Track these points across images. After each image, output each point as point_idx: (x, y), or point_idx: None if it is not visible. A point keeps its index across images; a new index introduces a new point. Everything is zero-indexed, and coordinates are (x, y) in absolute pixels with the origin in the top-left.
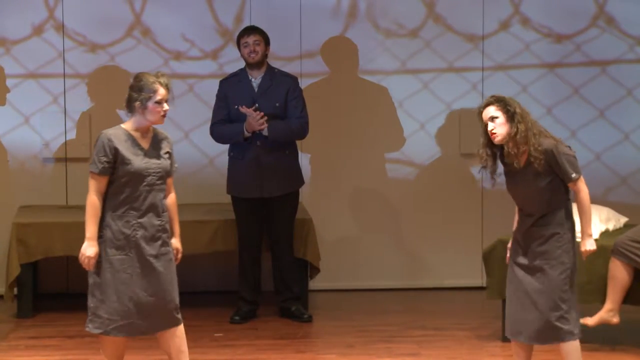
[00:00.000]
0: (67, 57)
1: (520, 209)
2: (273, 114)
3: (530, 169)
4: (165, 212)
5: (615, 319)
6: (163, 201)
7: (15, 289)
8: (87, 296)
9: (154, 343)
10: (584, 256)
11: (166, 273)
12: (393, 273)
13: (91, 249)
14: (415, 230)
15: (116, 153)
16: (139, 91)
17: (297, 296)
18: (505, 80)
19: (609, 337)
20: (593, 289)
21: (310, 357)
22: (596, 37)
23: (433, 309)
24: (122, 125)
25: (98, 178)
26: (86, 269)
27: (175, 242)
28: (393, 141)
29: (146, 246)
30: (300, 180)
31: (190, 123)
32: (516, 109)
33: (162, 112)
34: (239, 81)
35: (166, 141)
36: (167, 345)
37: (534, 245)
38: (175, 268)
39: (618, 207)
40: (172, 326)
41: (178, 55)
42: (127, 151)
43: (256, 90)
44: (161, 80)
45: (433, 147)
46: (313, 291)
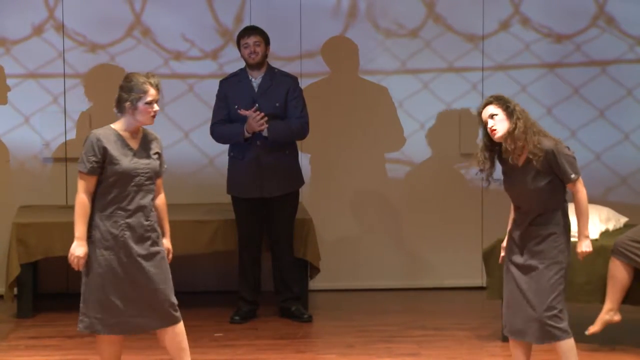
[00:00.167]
0: (67, 57)
1: (517, 208)
2: (273, 114)
3: (528, 168)
4: (153, 212)
5: (616, 317)
6: (152, 202)
7: (15, 289)
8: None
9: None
10: (580, 257)
11: (158, 272)
12: (393, 273)
13: (80, 249)
14: (415, 230)
15: (105, 153)
16: (129, 91)
17: (297, 296)
18: (505, 80)
19: (609, 337)
20: (593, 289)
21: (310, 357)
22: (596, 37)
23: (433, 309)
24: (112, 125)
25: (87, 178)
26: (75, 269)
27: (165, 242)
28: (393, 141)
29: (135, 246)
30: (300, 180)
31: (190, 123)
32: (515, 106)
33: (152, 113)
34: (239, 81)
35: (156, 142)
36: (168, 343)
37: (531, 244)
38: (168, 266)
39: (618, 207)
40: (170, 324)
41: (178, 55)
42: (116, 151)
43: (256, 90)
44: (152, 80)
45: (433, 147)
46: (313, 291)
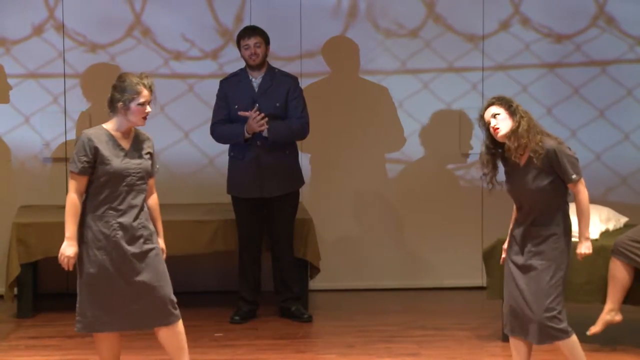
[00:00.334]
0: (67, 57)
1: (519, 208)
2: (273, 114)
3: (530, 168)
4: (145, 211)
5: (617, 317)
6: (144, 202)
7: (15, 289)
8: None
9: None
10: (580, 258)
11: (153, 270)
12: (393, 273)
13: (70, 249)
14: (415, 230)
15: (96, 153)
16: (122, 92)
17: (297, 296)
18: (505, 80)
19: (610, 338)
20: (593, 289)
21: (310, 357)
22: (596, 37)
23: (433, 309)
24: (104, 125)
25: (78, 178)
26: (65, 269)
27: (159, 242)
28: (393, 141)
29: (127, 246)
30: (300, 180)
31: (190, 123)
32: (518, 106)
33: (144, 114)
34: (239, 81)
35: (148, 142)
36: (166, 342)
37: (531, 244)
38: (164, 264)
39: (618, 207)
40: (169, 323)
41: (178, 55)
42: (107, 151)
43: (256, 90)
44: (145, 81)
45: (433, 147)
46: (313, 291)
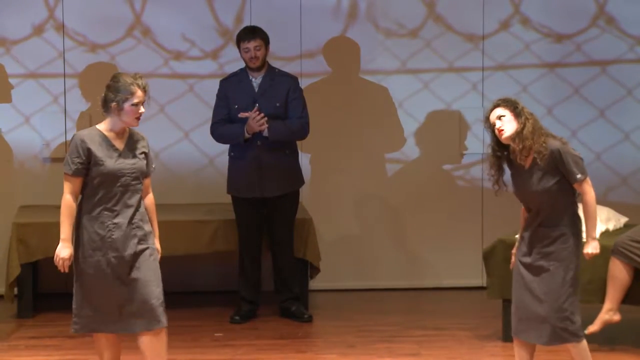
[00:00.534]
0: (67, 57)
1: (528, 210)
2: (273, 114)
3: (535, 170)
4: (141, 211)
5: (616, 317)
6: (140, 201)
7: (15, 289)
8: None
9: None
10: (587, 258)
11: (145, 271)
12: (393, 273)
13: (65, 251)
14: (415, 230)
15: (89, 154)
16: (116, 92)
17: (297, 296)
18: (505, 80)
19: (609, 337)
20: (594, 289)
21: (310, 357)
22: (596, 37)
23: (433, 309)
24: (97, 126)
25: (72, 179)
26: (61, 271)
27: (155, 243)
28: (393, 141)
29: (122, 246)
30: (300, 180)
31: (190, 123)
32: (523, 108)
33: (138, 115)
34: (240, 81)
35: (142, 142)
36: (148, 347)
37: (541, 245)
38: (157, 266)
39: (618, 207)
40: (155, 327)
41: (178, 55)
42: (101, 152)
43: (256, 90)
44: (139, 82)
45: (433, 147)
46: (313, 291)
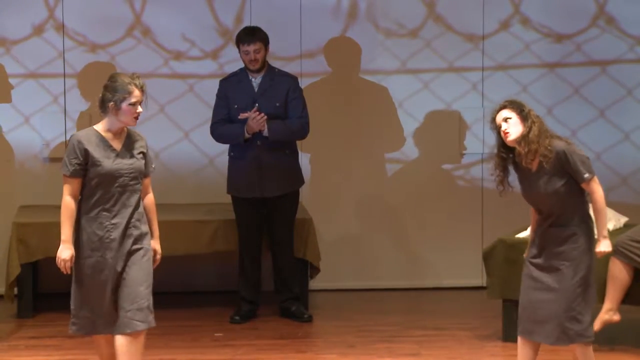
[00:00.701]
0: (67, 57)
1: (539, 212)
2: (273, 114)
3: (542, 172)
4: (140, 212)
5: (616, 317)
6: (139, 201)
7: (15, 289)
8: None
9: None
10: (599, 257)
11: (135, 272)
12: (393, 273)
13: (67, 252)
14: (415, 230)
15: (86, 155)
16: (114, 92)
17: (297, 296)
18: (505, 80)
19: (609, 337)
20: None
21: (310, 357)
22: (596, 37)
23: (433, 309)
24: (95, 126)
25: (70, 180)
26: (63, 273)
27: (153, 244)
28: (393, 141)
29: (120, 246)
30: (300, 180)
31: (190, 123)
32: (530, 111)
33: (136, 114)
34: (239, 81)
35: (140, 142)
36: (123, 350)
37: (551, 246)
38: (149, 267)
39: (618, 207)
40: (135, 328)
41: (178, 55)
42: (98, 152)
43: (256, 90)
44: (136, 82)
45: (433, 147)
46: (313, 291)
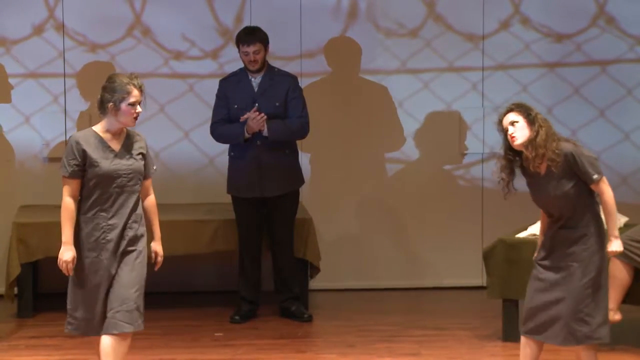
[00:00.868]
0: (67, 57)
1: (549, 216)
2: (273, 114)
3: (551, 175)
4: (137, 213)
5: (617, 317)
6: (138, 202)
7: (15, 289)
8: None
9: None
10: (610, 256)
11: (126, 274)
12: (393, 273)
13: (68, 253)
14: (415, 229)
15: (84, 155)
16: (112, 92)
17: (297, 296)
18: (505, 79)
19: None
20: None
21: (310, 357)
22: (596, 37)
23: (433, 309)
24: (93, 127)
25: (69, 181)
26: (65, 274)
27: (154, 245)
28: (393, 141)
29: (116, 248)
30: (300, 179)
31: (190, 123)
32: (537, 114)
33: (135, 115)
34: (239, 81)
35: (140, 142)
36: (105, 350)
37: (561, 247)
38: (141, 270)
39: (618, 207)
40: (122, 330)
41: (178, 55)
42: (96, 153)
43: (256, 89)
44: (135, 82)
45: (433, 147)
46: (313, 291)
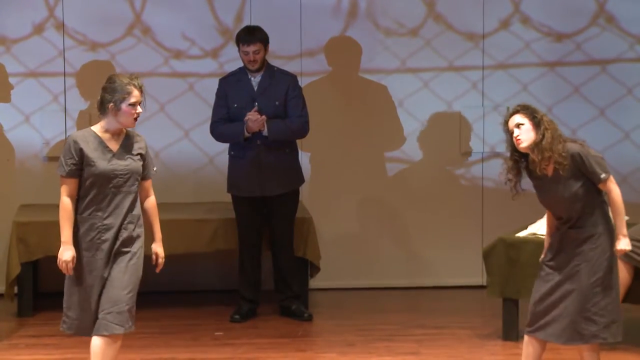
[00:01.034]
0: (68, 56)
1: (558, 218)
2: (273, 113)
3: (559, 176)
4: (134, 214)
5: None
6: (135, 203)
7: (15, 288)
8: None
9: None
10: (619, 255)
11: (117, 275)
12: (393, 272)
13: (68, 253)
14: (415, 228)
15: (82, 154)
16: (113, 92)
17: (297, 295)
18: (505, 79)
19: None
20: None
21: (310, 356)
22: (596, 36)
23: (433, 308)
24: (92, 127)
25: (67, 180)
26: (65, 274)
27: (155, 247)
28: (393, 140)
29: (110, 247)
30: (300, 178)
31: (190, 122)
32: (543, 117)
33: (135, 115)
34: (239, 80)
35: (139, 143)
36: (95, 350)
37: (570, 247)
38: (134, 271)
39: None
40: (113, 331)
41: (178, 54)
42: (93, 153)
43: (256, 89)
44: (135, 82)
45: (433, 146)
46: (313, 290)
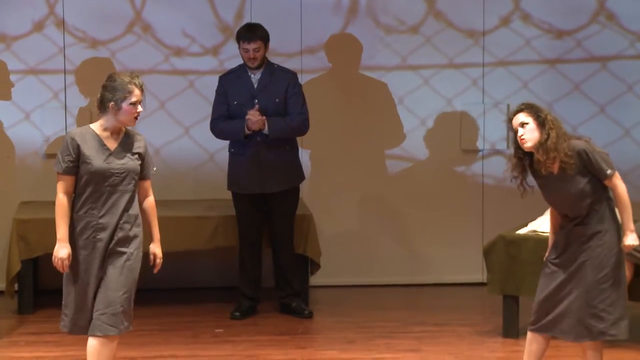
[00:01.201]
0: (68, 53)
1: (564, 216)
2: (273, 110)
3: (565, 174)
4: (131, 214)
5: None
6: (131, 203)
7: (15, 285)
8: None
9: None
10: (626, 251)
11: (111, 276)
12: (393, 269)
13: (63, 250)
14: (415, 226)
15: (79, 152)
16: (114, 91)
17: (298, 292)
18: (505, 76)
19: None
20: None
21: (310, 353)
22: (597, 33)
23: (433, 305)
24: (91, 125)
25: (63, 178)
26: (61, 272)
27: (153, 247)
28: (393, 137)
29: (105, 247)
30: (300, 176)
31: (190, 119)
32: (547, 116)
33: (136, 114)
34: (239, 77)
35: (138, 142)
36: (90, 351)
37: (576, 243)
38: (130, 272)
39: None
40: (107, 332)
41: (178, 51)
42: (90, 150)
43: (256, 86)
44: (136, 81)
45: (433, 143)
46: (313, 287)
